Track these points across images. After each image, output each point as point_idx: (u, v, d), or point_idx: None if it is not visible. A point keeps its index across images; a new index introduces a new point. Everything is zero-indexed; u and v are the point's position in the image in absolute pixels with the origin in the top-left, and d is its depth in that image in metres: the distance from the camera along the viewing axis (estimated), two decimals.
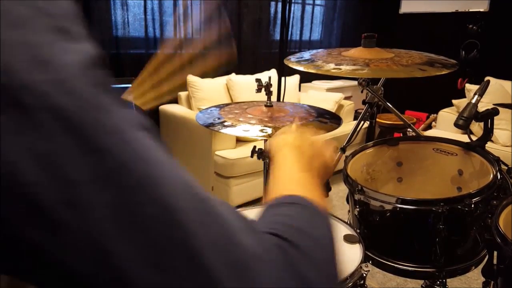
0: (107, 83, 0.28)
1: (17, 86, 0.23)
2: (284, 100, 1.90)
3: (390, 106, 1.49)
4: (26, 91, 0.23)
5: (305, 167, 0.48)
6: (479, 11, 3.65)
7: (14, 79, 0.23)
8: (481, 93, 1.13)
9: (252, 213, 0.56)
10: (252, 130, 1.12)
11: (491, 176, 1.04)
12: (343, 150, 1.45)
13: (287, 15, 1.91)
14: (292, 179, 0.45)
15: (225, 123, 1.17)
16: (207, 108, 1.36)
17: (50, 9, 0.27)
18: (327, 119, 1.28)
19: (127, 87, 1.50)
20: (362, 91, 1.46)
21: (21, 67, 0.24)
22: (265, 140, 1.41)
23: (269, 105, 1.30)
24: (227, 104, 1.40)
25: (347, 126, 2.38)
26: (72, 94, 0.25)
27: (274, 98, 1.37)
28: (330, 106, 3.31)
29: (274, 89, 1.36)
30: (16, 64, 0.24)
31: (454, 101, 3.37)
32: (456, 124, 1.12)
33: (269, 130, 1.11)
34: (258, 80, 1.31)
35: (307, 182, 0.45)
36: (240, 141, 2.75)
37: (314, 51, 1.37)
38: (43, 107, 0.24)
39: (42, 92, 0.24)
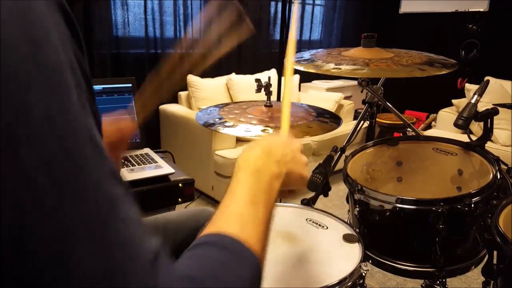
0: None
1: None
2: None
3: (390, 105, 1.49)
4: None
5: (257, 197, 0.48)
6: (479, 11, 3.65)
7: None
8: (480, 93, 1.13)
9: None
10: (254, 130, 1.12)
11: (491, 175, 1.04)
12: (343, 150, 1.45)
13: (287, 15, 1.91)
14: (234, 213, 0.45)
15: (226, 123, 1.17)
16: (206, 108, 1.36)
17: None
18: (327, 118, 1.28)
19: (126, 87, 1.49)
20: (362, 91, 1.46)
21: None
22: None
23: (269, 105, 1.30)
24: (226, 104, 1.40)
25: (347, 125, 2.39)
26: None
27: (274, 98, 1.37)
28: (330, 106, 3.31)
29: (274, 89, 1.36)
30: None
31: (454, 101, 3.37)
32: (455, 124, 1.12)
33: (271, 131, 1.11)
34: (258, 80, 1.31)
35: (250, 219, 0.45)
36: (240, 140, 2.75)
37: (314, 51, 1.37)
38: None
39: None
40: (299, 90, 3.80)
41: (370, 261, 1.07)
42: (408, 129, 2.96)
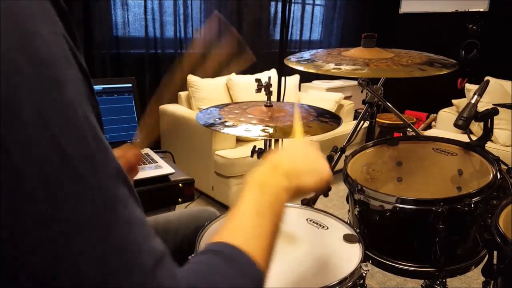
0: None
1: None
2: (284, 100, 1.90)
3: (390, 105, 1.49)
4: None
5: (262, 209, 0.47)
6: (479, 11, 3.65)
7: None
8: (480, 93, 1.13)
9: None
10: (254, 130, 1.12)
11: (491, 175, 1.04)
12: (343, 150, 1.46)
13: (287, 15, 1.91)
14: (238, 225, 0.45)
15: (226, 123, 1.17)
16: (206, 108, 1.36)
17: None
18: (327, 118, 1.28)
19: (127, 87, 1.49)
20: (362, 91, 1.47)
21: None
22: (265, 141, 1.41)
23: (269, 105, 1.30)
24: (226, 104, 1.40)
25: (347, 126, 2.38)
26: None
27: (274, 98, 1.37)
28: (330, 106, 3.31)
29: (274, 89, 1.36)
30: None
31: (454, 101, 3.37)
32: (455, 124, 1.12)
33: (271, 130, 1.11)
34: (258, 80, 1.32)
35: (254, 231, 0.45)
36: (240, 140, 2.75)
37: (314, 51, 1.37)
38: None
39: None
40: (299, 90, 3.80)
41: (370, 261, 1.07)
42: (408, 129, 2.96)
